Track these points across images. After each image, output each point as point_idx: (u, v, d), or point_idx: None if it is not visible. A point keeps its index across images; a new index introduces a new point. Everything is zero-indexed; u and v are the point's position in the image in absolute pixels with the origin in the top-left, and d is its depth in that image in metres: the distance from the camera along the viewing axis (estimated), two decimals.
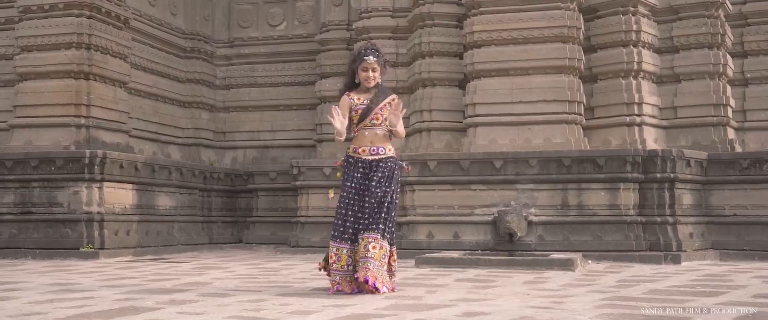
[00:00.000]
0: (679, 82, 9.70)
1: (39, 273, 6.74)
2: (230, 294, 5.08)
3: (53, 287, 5.55)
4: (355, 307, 4.35)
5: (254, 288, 5.51)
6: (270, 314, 4.06)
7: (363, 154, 5.11)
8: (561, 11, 9.12)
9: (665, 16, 9.80)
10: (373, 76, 5.16)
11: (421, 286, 5.58)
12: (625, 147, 8.97)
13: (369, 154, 5.10)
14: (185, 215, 10.70)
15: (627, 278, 6.30)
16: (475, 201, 8.84)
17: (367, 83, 5.19)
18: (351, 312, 4.16)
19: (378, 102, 5.18)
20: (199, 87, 12.17)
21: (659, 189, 8.55)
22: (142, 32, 10.99)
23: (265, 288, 5.44)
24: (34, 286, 5.60)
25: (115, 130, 10.05)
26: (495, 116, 9.18)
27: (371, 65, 5.16)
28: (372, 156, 5.10)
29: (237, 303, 4.54)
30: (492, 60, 9.24)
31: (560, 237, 8.53)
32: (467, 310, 4.22)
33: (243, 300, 4.73)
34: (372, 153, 5.11)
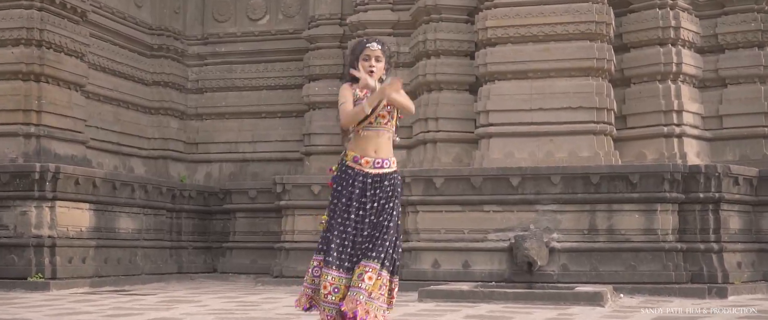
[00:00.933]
0: (725, 87, 9.70)
1: None
2: None
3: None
4: None
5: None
6: None
7: (365, 166, 4.75)
8: (588, 4, 9.11)
9: (709, 11, 9.81)
10: (377, 66, 4.81)
11: None
12: (662, 161, 8.94)
13: (373, 166, 4.74)
14: (150, 239, 10.65)
15: (665, 315, 6.26)
16: (488, 225, 8.80)
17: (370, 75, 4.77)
18: None
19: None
20: (168, 90, 12.15)
21: (702, 211, 8.52)
22: (103, 27, 10.98)
23: None
24: None
25: (70, 140, 10.01)
26: (511, 125, 9.15)
27: (374, 53, 4.84)
28: (376, 169, 4.74)
29: None
30: (508, 60, 9.23)
31: (587, 266, 8.48)
32: None
33: None
34: (377, 165, 4.75)
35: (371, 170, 4.70)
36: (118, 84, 11.36)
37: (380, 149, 4.76)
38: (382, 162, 4.73)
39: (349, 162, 4.78)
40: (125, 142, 11.44)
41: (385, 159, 4.73)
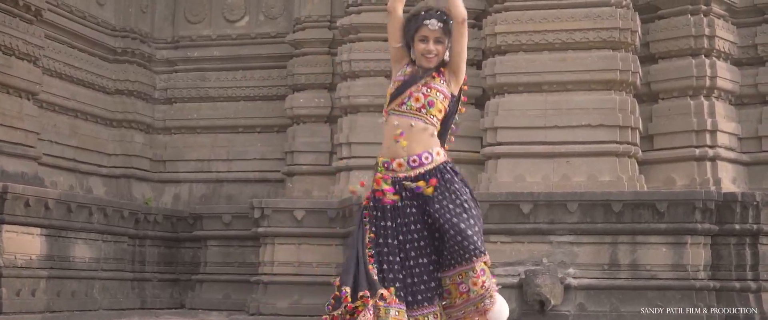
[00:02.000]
0: (766, 104, 9.74)
1: None
2: None
3: None
4: None
5: None
6: None
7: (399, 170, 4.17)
8: (611, 8, 9.17)
9: (748, 18, 9.87)
10: (435, 50, 4.25)
11: None
12: (693, 188, 8.97)
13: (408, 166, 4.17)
14: (110, 270, 10.64)
15: None
16: (495, 258, 8.73)
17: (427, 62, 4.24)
18: None
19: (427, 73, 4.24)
20: (132, 100, 12.17)
21: (738, 245, 8.54)
22: (59, 27, 11.03)
23: None
24: None
25: (21, 155, 10.02)
26: (523, 145, 9.19)
27: (433, 34, 4.27)
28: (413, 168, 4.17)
29: None
30: (520, 71, 9.27)
31: (607, 306, 8.49)
32: None
33: None
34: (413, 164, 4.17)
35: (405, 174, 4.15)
36: (76, 92, 11.37)
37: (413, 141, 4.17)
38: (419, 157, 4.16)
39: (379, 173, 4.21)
40: (83, 159, 11.44)
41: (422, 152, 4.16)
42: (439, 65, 4.28)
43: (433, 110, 4.17)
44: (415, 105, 4.13)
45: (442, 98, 4.21)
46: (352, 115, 10.39)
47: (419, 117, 4.15)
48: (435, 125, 4.19)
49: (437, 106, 4.19)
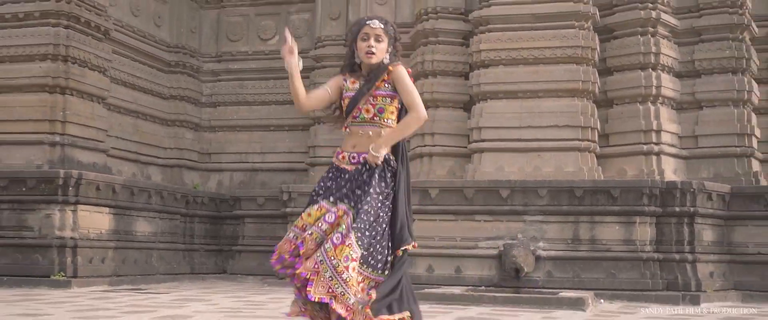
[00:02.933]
0: (701, 109, 9.72)
1: (6, 303, 6.71)
2: None
3: (21, 318, 5.53)
4: None
5: None
6: None
7: (342, 162, 3.94)
8: (575, 30, 9.16)
9: (687, 39, 9.84)
10: (377, 47, 3.87)
11: None
12: (641, 177, 8.97)
13: (349, 162, 3.91)
14: (165, 242, 10.67)
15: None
16: (479, 233, 8.82)
17: (367, 58, 3.88)
18: None
19: (370, 83, 3.89)
20: (184, 104, 12.19)
21: (678, 224, 8.54)
22: (124, 44, 11.03)
23: None
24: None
25: (92, 148, 10.05)
26: (502, 141, 9.18)
27: (374, 31, 3.89)
28: (352, 164, 3.90)
29: None
30: (500, 81, 9.26)
31: (570, 273, 8.50)
32: None
33: None
34: (352, 160, 3.90)
35: (347, 166, 3.90)
36: (138, 97, 11.39)
37: (359, 144, 3.88)
38: (360, 156, 3.86)
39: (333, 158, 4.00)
40: (143, 151, 11.47)
41: (362, 152, 3.85)
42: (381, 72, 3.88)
43: (386, 115, 3.86)
44: (368, 116, 3.84)
45: (389, 101, 3.86)
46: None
47: (372, 125, 3.85)
48: (389, 126, 3.86)
49: (388, 110, 3.86)
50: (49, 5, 9.59)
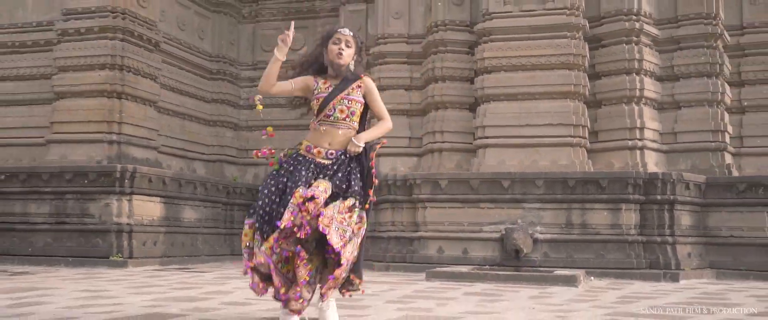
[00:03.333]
0: (679, 109, 9.68)
1: (71, 280, 6.78)
2: (251, 303, 5.10)
3: (84, 293, 5.59)
4: (369, 317, 4.36)
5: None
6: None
7: (317, 156, 3.87)
8: (567, 40, 9.14)
9: (666, 46, 9.80)
10: (346, 51, 3.90)
11: (431, 299, 5.58)
12: (627, 169, 8.94)
13: (325, 157, 3.86)
14: (209, 227, 10.74)
15: (628, 295, 6.28)
16: (483, 219, 8.83)
17: (338, 59, 3.90)
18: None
19: (343, 87, 3.92)
20: (224, 106, 12.25)
21: (659, 211, 8.51)
22: (172, 55, 11.09)
23: None
24: (66, 292, 5.64)
25: (145, 146, 10.12)
26: (504, 138, 9.17)
27: (345, 37, 3.92)
28: (328, 159, 3.85)
29: (257, 312, 4.56)
30: (501, 85, 9.25)
31: (564, 254, 8.50)
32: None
33: (262, 308, 4.75)
34: (329, 156, 3.86)
35: (323, 160, 3.84)
36: (184, 101, 11.46)
37: (334, 142, 3.87)
38: (337, 153, 3.85)
39: (301, 150, 3.94)
40: (189, 148, 11.54)
41: (339, 150, 3.86)
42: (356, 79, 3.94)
43: (355, 117, 3.92)
44: (341, 116, 3.86)
45: (359, 106, 3.93)
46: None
47: (344, 125, 3.88)
48: (355, 128, 3.93)
49: (357, 113, 3.93)
50: (107, 21, 9.66)
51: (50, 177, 9.20)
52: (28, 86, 10.33)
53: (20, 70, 10.38)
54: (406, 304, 5.10)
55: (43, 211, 9.27)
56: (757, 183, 8.84)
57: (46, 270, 8.03)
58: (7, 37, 10.42)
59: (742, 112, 10.48)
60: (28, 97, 10.31)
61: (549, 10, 9.21)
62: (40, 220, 9.24)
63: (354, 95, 3.93)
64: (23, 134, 10.22)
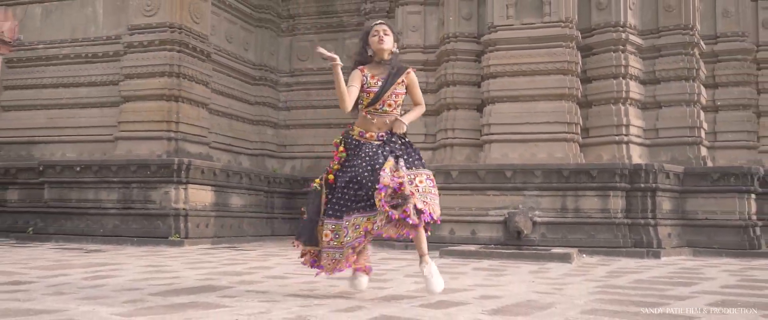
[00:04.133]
0: (660, 108, 9.60)
1: (136, 257, 6.86)
2: (289, 276, 5.13)
3: (148, 268, 5.65)
4: (391, 289, 4.37)
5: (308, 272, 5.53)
6: (321, 292, 4.09)
7: (371, 139, 3.88)
8: (562, 49, 9.08)
9: (649, 54, 9.71)
10: (386, 39, 3.86)
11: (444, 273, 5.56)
12: (614, 161, 8.88)
13: (377, 139, 3.87)
14: (253, 212, 10.79)
15: (615, 270, 6.24)
16: (489, 205, 8.81)
17: (380, 45, 3.87)
18: (388, 293, 4.19)
19: (391, 83, 3.88)
20: (266, 108, 12.30)
21: (643, 197, 8.45)
22: (221, 64, 11.14)
23: None
24: (133, 267, 5.70)
25: (198, 142, 10.19)
26: (507, 134, 9.15)
27: (382, 27, 3.89)
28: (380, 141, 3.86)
29: (294, 284, 4.59)
30: (505, 88, 9.22)
31: (559, 235, 8.46)
32: (483, 294, 4.22)
33: (299, 281, 4.78)
34: (380, 138, 3.87)
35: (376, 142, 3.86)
36: (231, 103, 11.52)
37: (383, 128, 3.90)
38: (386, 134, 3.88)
39: (355, 135, 3.94)
40: (236, 144, 11.60)
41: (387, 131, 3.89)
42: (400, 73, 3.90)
43: (399, 109, 3.96)
44: (389, 109, 3.88)
45: (402, 98, 3.98)
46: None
47: (391, 114, 3.90)
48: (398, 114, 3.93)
49: (400, 102, 3.96)
50: (166, 35, 9.72)
51: (118, 168, 9.29)
52: (99, 91, 10.43)
53: (93, 78, 10.48)
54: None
55: (112, 198, 9.36)
56: (728, 173, 8.76)
57: (115, 248, 8.12)
58: (81, 49, 10.53)
59: (715, 110, 10.40)
60: (99, 100, 10.41)
61: (546, 23, 9.16)
62: (110, 206, 9.34)
63: (399, 89, 3.94)
64: (95, 132, 10.33)
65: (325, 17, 12.57)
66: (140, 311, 3.33)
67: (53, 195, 9.68)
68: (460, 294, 4.13)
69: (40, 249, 7.85)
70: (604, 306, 3.72)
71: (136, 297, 3.80)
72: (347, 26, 12.49)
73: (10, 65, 10.96)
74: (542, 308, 3.64)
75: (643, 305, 3.79)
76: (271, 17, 12.35)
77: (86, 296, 3.84)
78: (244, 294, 3.99)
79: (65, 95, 10.58)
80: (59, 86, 10.64)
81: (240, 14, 11.71)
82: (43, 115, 10.68)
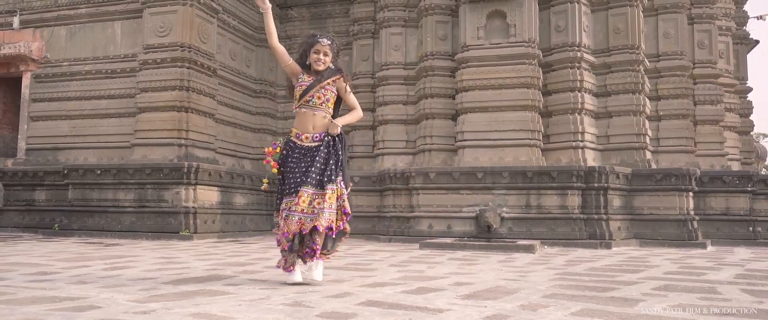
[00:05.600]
0: (611, 118, 9.67)
1: (151, 250, 6.80)
2: None
3: (161, 259, 5.60)
4: (376, 277, 4.36)
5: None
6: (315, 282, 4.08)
7: (305, 141, 3.80)
8: (526, 66, 9.13)
9: (601, 70, 9.79)
10: (324, 59, 3.80)
11: (423, 263, 5.58)
12: (571, 164, 8.93)
13: (311, 141, 3.79)
14: (254, 210, 10.74)
15: (573, 259, 6.27)
16: (462, 202, 8.83)
17: (316, 66, 3.81)
18: (374, 280, 4.17)
19: (322, 80, 3.80)
20: (265, 118, 12.25)
21: (596, 195, 8.50)
22: (226, 79, 11.08)
23: None
24: (147, 259, 5.65)
25: (206, 148, 10.13)
26: (478, 141, 9.17)
27: (323, 49, 3.81)
28: (314, 142, 3.79)
29: None
30: (476, 100, 9.25)
31: (524, 228, 8.49)
32: (457, 281, 4.22)
33: None
34: (315, 139, 3.79)
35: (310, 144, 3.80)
36: (235, 114, 11.46)
37: (317, 126, 3.79)
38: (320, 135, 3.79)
39: (292, 137, 3.86)
40: (239, 150, 11.54)
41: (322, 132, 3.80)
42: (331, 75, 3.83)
43: (329, 104, 3.84)
44: (318, 102, 3.79)
45: (332, 95, 3.86)
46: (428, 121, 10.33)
47: (321, 109, 3.80)
48: (329, 113, 3.84)
49: (331, 101, 3.85)
50: (177, 54, 9.66)
51: (134, 171, 9.21)
52: (118, 103, 10.34)
53: (112, 91, 10.38)
54: (404, 267, 5.10)
55: (129, 197, 9.28)
56: (670, 174, 8.83)
57: (131, 242, 8.05)
58: (102, 66, 10.43)
59: (658, 120, 10.48)
60: (118, 111, 10.32)
61: (512, 43, 9.20)
62: (127, 204, 9.26)
63: (328, 87, 3.85)
64: (114, 140, 10.24)
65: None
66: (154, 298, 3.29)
67: (76, 195, 9.58)
68: (437, 282, 4.13)
69: (64, 243, 7.76)
70: (563, 291, 3.73)
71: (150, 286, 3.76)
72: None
73: (39, 80, 10.84)
74: (509, 293, 3.65)
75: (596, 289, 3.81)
76: None
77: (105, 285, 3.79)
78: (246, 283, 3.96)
79: (87, 107, 10.48)
80: (82, 99, 10.53)
81: (242, 35, 11.66)
82: (67, 124, 10.57)
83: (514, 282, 4.17)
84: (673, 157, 10.28)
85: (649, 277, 4.55)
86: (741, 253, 7.47)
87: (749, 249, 8.44)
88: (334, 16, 12.30)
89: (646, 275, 4.71)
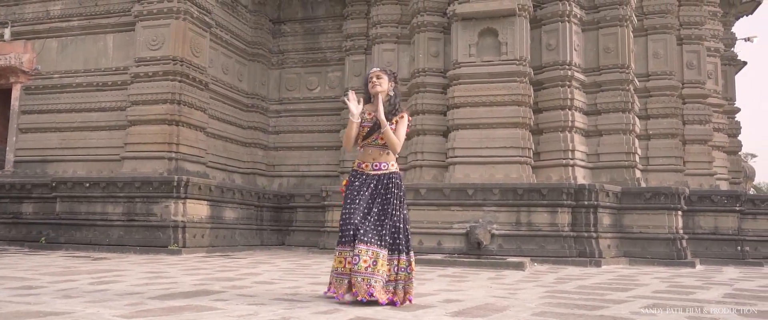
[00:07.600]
0: (601, 136, 9.73)
1: (138, 264, 6.73)
2: (276, 282, 5.07)
3: (149, 274, 5.55)
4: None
5: (292, 278, 5.49)
6: (304, 297, 4.05)
7: (366, 169, 4.01)
8: (517, 83, 9.18)
9: (591, 89, 9.87)
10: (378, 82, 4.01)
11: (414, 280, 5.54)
12: (561, 181, 8.96)
13: (372, 169, 4.00)
14: (244, 224, 10.68)
15: (562, 276, 6.27)
16: (453, 219, 8.82)
17: (371, 88, 4.02)
18: None
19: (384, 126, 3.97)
20: (257, 132, 12.23)
21: (586, 213, 8.53)
22: (217, 92, 11.08)
23: (300, 279, 5.42)
24: (134, 273, 5.60)
25: (196, 162, 10.08)
26: (469, 157, 9.19)
27: (375, 73, 4.05)
28: (375, 171, 3.99)
29: (280, 289, 4.53)
30: (467, 117, 9.28)
31: (514, 246, 8.49)
32: (447, 298, 4.20)
33: (284, 287, 4.72)
34: (375, 168, 4.00)
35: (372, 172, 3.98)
36: (226, 128, 11.43)
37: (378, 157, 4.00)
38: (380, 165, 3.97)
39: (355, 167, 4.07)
40: (230, 164, 11.50)
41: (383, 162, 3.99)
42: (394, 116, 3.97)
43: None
44: (381, 143, 3.95)
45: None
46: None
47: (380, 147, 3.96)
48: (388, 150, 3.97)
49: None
50: (169, 67, 9.65)
51: (124, 185, 9.15)
52: (108, 116, 10.30)
53: (102, 104, 10.35)
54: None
55: (117, 211, 9.21)
56: (659, 193, 8.87)
57: (119, 256, 7.97)
58: (93, 79, 10.41)
59: (648, 138, 10.56)
60: (108, 124, 10.27)
61: (503, 61, 9.27)
62: (116, 218, 9.18)
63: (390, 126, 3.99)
64: (104, 152, 10.19)
65: (311, 53, 12.59)
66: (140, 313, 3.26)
67: (64, 208, 9.50)
68: (426, 298, 4.12)
69: (51, 256, 7.68)
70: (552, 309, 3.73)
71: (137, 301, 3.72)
72: (330, 61, 12.51)
73: (29, 92, 10.79)
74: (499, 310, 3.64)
75: (586, 308, 3.80)
76: (262, 52, 12.33)
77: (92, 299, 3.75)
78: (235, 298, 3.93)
79: (77, 119, 10.43)
80: (72, 111, 10.49)
81: (235, 49, 11.68)
82: (56, 136, 10.51)
83: (503, 299, 4.16)
84: (663, 176, 10.35)
85: (639, 296, 4.55)
86: (729, 272, 7.50)
87: (738, 268, 8.47)
88: (327, 32, 12.36)
89: (635, 293, 4.72)
